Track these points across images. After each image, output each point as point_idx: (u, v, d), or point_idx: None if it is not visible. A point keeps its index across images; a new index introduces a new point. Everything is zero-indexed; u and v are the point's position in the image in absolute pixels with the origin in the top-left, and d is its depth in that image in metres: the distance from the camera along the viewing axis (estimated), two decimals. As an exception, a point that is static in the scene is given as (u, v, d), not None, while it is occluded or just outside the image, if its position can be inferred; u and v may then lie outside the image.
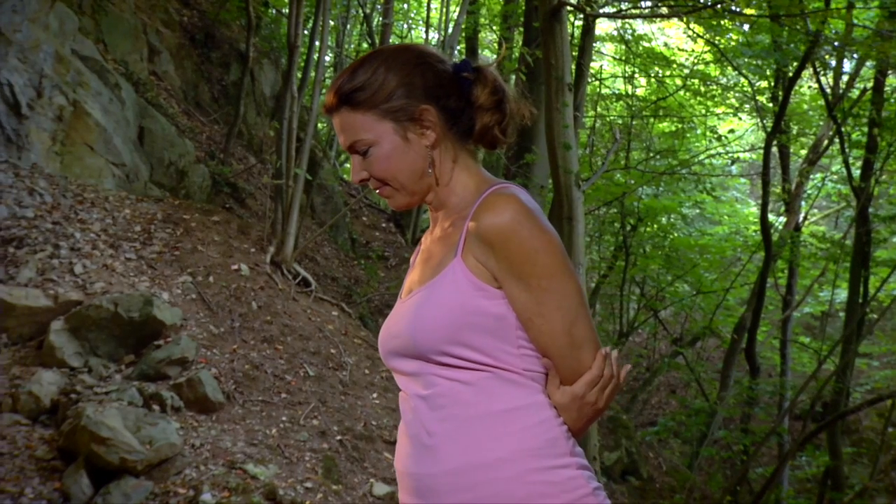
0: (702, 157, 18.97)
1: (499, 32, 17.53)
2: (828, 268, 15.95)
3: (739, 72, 16.06)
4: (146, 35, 14.06)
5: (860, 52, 12.77)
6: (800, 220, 16.38)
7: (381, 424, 8.90)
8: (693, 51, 17.91)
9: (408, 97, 2.19)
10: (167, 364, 8.41)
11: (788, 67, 13.68)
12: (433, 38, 22.25)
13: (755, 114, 17.65)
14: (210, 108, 15.30)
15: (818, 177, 18.87)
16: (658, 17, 14.80)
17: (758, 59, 14.11)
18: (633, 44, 17.03)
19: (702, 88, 17.72)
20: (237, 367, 8.89)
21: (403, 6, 24.31)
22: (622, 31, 17.18)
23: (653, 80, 18.61)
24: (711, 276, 19.13)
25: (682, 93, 17.81)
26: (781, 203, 17.99)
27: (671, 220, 20.06)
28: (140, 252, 9.92)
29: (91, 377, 8.19)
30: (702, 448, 13.74)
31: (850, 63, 15.59)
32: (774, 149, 16.65)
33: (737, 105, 18.65)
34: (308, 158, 12.12)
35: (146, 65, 13.88)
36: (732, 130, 19.30)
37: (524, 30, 14.36)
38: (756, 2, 10.95)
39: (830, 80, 15.53)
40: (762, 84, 16.70)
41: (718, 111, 19.30)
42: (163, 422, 7.50)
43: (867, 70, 15.44)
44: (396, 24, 24.25)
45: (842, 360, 12.02)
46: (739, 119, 20.34)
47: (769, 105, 16.40)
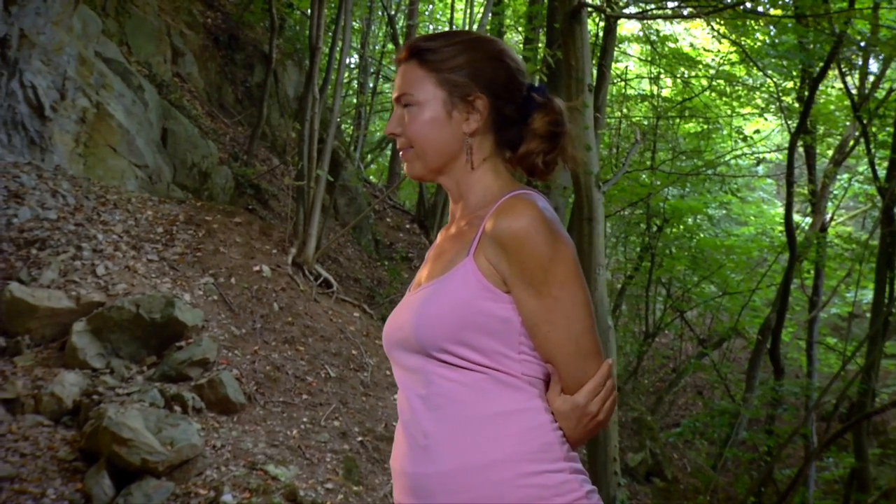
0: (727, 158, 18.89)
1: (524, 33, 17.48)
2: (854, 268, 15.84)
3: (764, 73, 15.96)
4: (170, 37, 14.09)
5: (885, 53, 12.68)
6: (826, 221, 16.24)
7: (401, 425, 8.88)
8: (719, 51, 17.81)
9: (470, 79, 2.22)
10: (189, 365, 8.42)
11: (814, 68, 13.59)
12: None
13: (781, 114, 17.54)
14: (234, 110, 15.33)
15: (845, 177, 18.74)
16: (679, 18, 14.72)
17: (783, 60, 14.03)
18: (659, 44, 16.95)
19: (727, 89, 17.63)
20: (258, 369, 8.89)
21: (429, 7, 24.30)
22: (647, 32, 17.10)
23: (678, 81, 18.53)
24: (738, 277, 19.04)
25: (708, 93, 17.72)
26: (808, 204, 17.86)
27: (697, 221, 19.97)
28: (162, 253, 9.94)
29: (113, 378, 8.21)
30: (725, 449, 13.66)
31: (877, 63, 15.48)
32: (800, 149, 16.54)
33: (763, 105, 18.54)
34: (331, 160, 12.12)
35: (170, 67, 13.92)
36: (758, 131, 19.20)
37: (547, 30, 14.33)
38: (782, 2, 10.89)
39: (856, 81, 15.41)
40: (788, 84, 16.60)
41: (744, 112, 19.19)
42: (184, 423, 7.50)
43: (893, 70, 15.33)
44: (421, 26, 24.25)
45: (867, 361, 11.92)
46: (765, 119, 20.23)
47: (795, 105, 16.30)
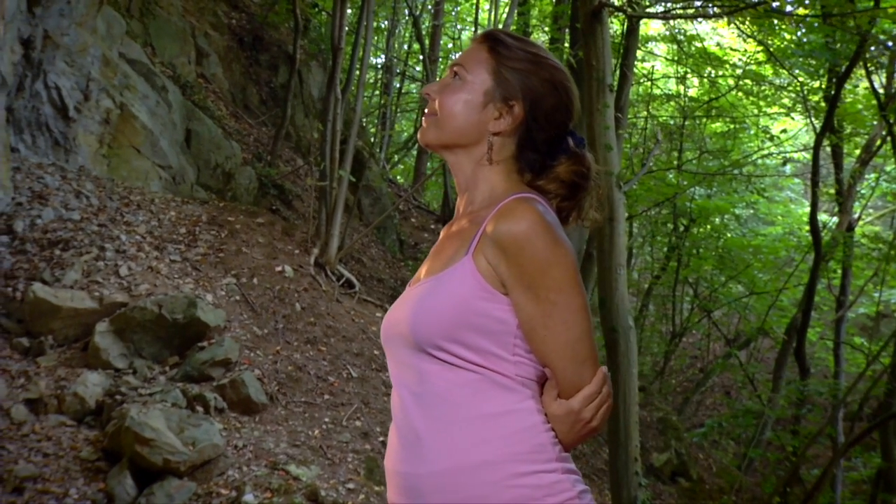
0: (754, 158, 18.80)
1: (550, 33, 17.43)
2: (881, 268, 15.71)
3: (789, 72, 15.86)
4: (194, 38, 14.13)
5: (912, 53, 12.57)
6: (853, 220, 16.12)
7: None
8: (746, 51, 17.72)
9: (520, 87, 2.24)
10: (211, 365, 8.44)
11: (840, 67, 13.49)
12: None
13: (807, 114, 17.43)
14: (258, 111, 15.36)
15: (872, 177, 18.60)
16: (701, 18, 14.64)
17: (809, 59, 13.94)
18: (686, 44, 16.89)
19: (754, 88, 17.54)
20: (280, 369, 8.90)
21: (456, 8, 24.29)
22: (674, 32, 17.04)
23: (705, 81, 18.46)
24: (765, 277, 18.94)
25: (735, 93, 17.64)
26: (835, 204, 17.74)
27: (724, 221, 19.89)
28: (185, 254, 9.96)
29: (135, 378, 8.24)
30: (749, 449, 13.60)
31: (903, 63, 15.33)
32: (828, 149, 16.43)
33: (790, 105, 18.43)
34: (355, 160, 12.12)
35: (194, 67, 13.96)
36: (785, 130, 19.08)
37: (570, 31, 14.30)
38: (809, 1, 10.80)
39: (883, 80, 15.28)
40: (814, 84, 16.49)
41: (771, 111, 19.09)
42: (206, 423, 7.51)
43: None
44: (447, 26, 24.27)
45: (893, 359, 11.82)
46: (792, 119, 20.11)
47: (822, 105, 16.19)
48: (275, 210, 12.73)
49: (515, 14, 17.79)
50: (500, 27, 18.46)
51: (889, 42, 12.38)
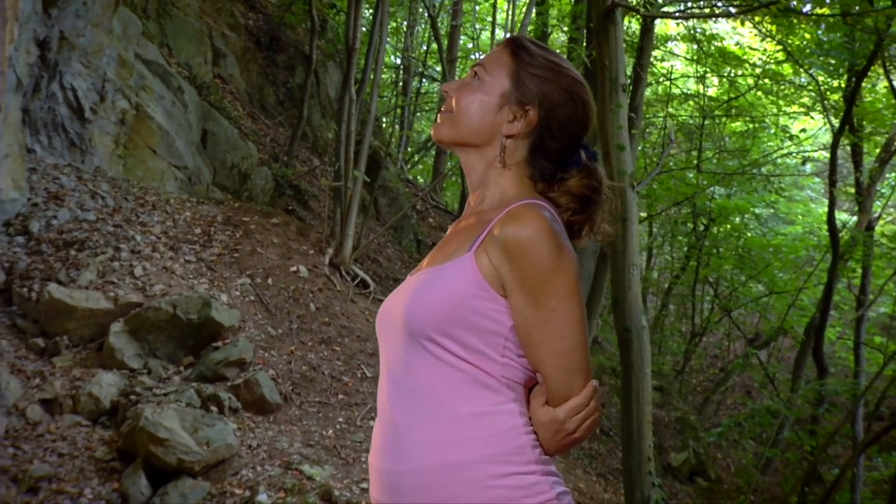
0: (774, 157, 18.74)
1: (569, 33, 17.37)
2: (901, 267, 15.61)
3: (806, 71, 15.79)
4: (211, 39, 14.16)
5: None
6: (872, 220, 16.02)
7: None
8: (765, 50, 17.65)
9: (537, 93, 2.26)
10: (225, 365, 8.45)
11: (859, 66, 13.42)
12: (499, 37, 22.19)
13: (825, 113, 17.36)
14: (275, 111, 15.38)
15: (892, 175, 18.50)
16: (715, 17, 14.59)
17: (828, 58, 13.87)
18: (705, 43, 16.84)
19: (774, 87, 17.48)
20: (294, 369, 8.91)
21: (475, 8, 24.26)
22: (692, 31, 16.98)
23: (724, 80, 18.41)
24: (785, 277, 18.88)
25: (754, 92, 17.59)
26: (855, 203, 17.65)
27: (744, 221, 19.83)
28: (199, 254, 9.98)
29: (150, 378, 8.27)
30: (766, 449, 13.56)
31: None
32: (847, 148, 16.35)
33: (809, 104, 18.36)
34: (371, 160, 12.12)
35: (210, 68, 13.98)
36: (804, 130, 19.01)
37: (587, 30, 14.26)
38: (829, 0, 10.74)
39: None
40: (834, 83, 16.41)
41: (791, 110, 19.02)
42: (220, 423, 7.53)
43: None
44: (466, 26, 24.24)
45: (910, 358, 11.75)
46: (812, 118, 20.03)
47: (842, 104, 16.10)
48: (291, 210, 12.75)
49: (533, 14, 17.75)
50: (518, 27, 18.43)
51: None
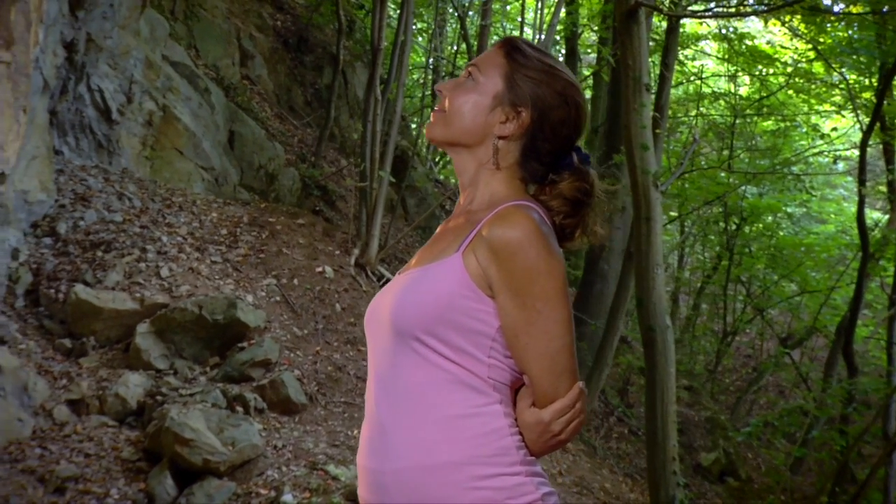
0: (805, 155, 18.64)
1: (599, 33, 17.32)
2: (935, 266, 15.48)
3: (835, 69, 15.67)
4: (239, 40, 14.20)
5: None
6: (904, 218, 15.88)
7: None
8: (796, 48, 17.56)
9: (530, 95, 2.27)
10: (251, 366, 8.46)
11: (890, 65, 13.31)
12: (529, 37, 22.15)
13: (856, 112, 17.24)
14: (303, 112, 15.41)
15: (923, 173, 18.34)
16: (739, 16, 14.51)
17: (859, 56, 13.78)
18: (736, 42, 16.76)
19: (805, 86, 17.38)
20: (320, 369, 8.91)
21: (506, 7, 24.21)
22: (726, 28, 16.90)
23: (755, 79, 18.33)
24: (818, 276, 18.79)
25: (785, 91, 17.50)
26: (888, 201, 17.52)
27: (776, 220, 19.75)
28: (225, 255, 10.00)
29: (176, 379, 8.29)
30: (795, 448, 13.47)
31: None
32: (879, 147, 16.21)
33: (841, 103, 18.25)
34: (399, 160, 12.10)
35: (238, 69, 14.02)
36: (835, 129, 18.89)
37: (614, 30, 14.23)
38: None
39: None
40: (864, 81, 16.29)
41: (822, 109, 18.91)
42: (245, 423, 7.53)
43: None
44: (496, 26, 24.21)
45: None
46: (843, 117, 19.91)
47: (873, 102, 15.98)
48: (318, 211, 12.76)
49: (563, 13, 17.70)
50: (547, 26, 18.37)
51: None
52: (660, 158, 9.97)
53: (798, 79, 17.03)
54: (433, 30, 21.32)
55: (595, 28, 19.45)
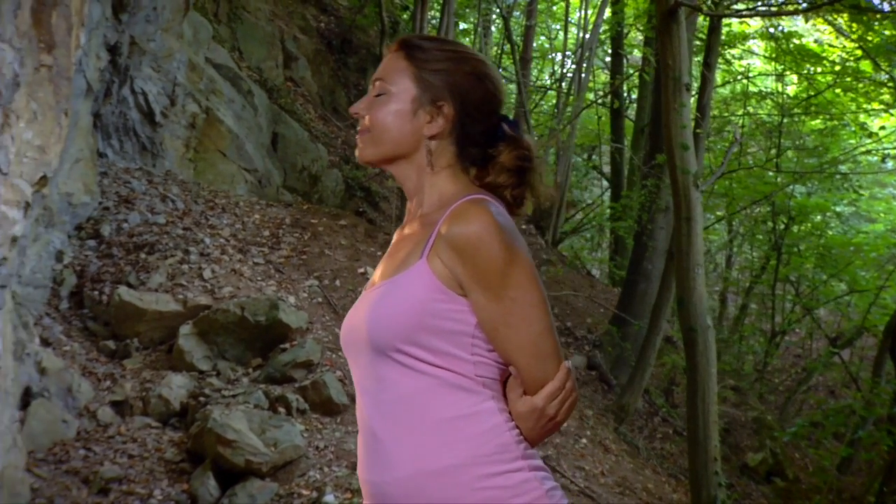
0: (853, 154, 18.49)
1: (644, 32, 17.25)
2: None
3: (882, 68, 15.52)
4: (282, 42, 14.26)
5: None
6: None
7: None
8: (843, 47, 17.42)
9: (445, 86, 2.24)
10: (293, 367, 8.47)
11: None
12: (574, 37, 22.17)
13: (902, 110, 17.10)
14: (346, 113, 15.44)
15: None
16: (780, 15, 14.39)
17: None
18: (783, 41, 16.64)
19: (854, 84, 17.24)
20: (362, 370, 8.90)
21: (551, 7, 24.18)
22: (774, 27, 16.78)
23: (803, 78, 18.20)
24: (867, 275, 18.63)
25: (833, 89, 17.36)
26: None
27: (825, 219, 19.61)
28: (268, 256, 10.04)
29: (219, 380, 8.33)
30: (841, 448, 13.35)
31: None
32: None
33: (889, 101, 18.09)
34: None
35: (282, 71, 14.07)
36: (883, 127, 18.72)
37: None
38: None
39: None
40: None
41: (870, 107, 18.75)
42: (287, 424, 7.55)
43: None
44: (542, 26, 24.19)
45: None
46: (891, 115, 19.73)
47: (925, 99, 15.87)
48: (361, 212, 12.79)
49: (608, 12, 17.64)
50: (591, 26, 18.30)
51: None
52: (701, 158, 9.89)
53: (846, 77, 16.89)
54: (478, 31, 21.33)
55: (640, 28, 19.40)
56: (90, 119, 9.67)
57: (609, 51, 20.72)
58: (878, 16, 11.56)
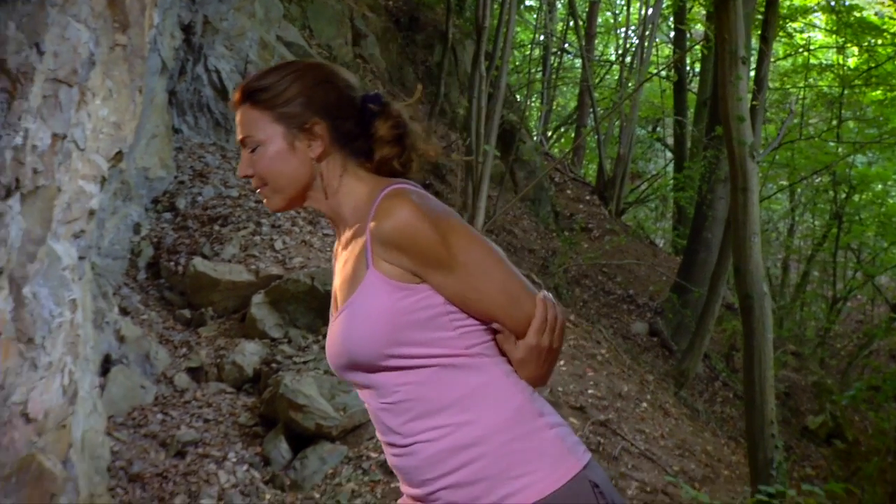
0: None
1: (707, 8, 17.14)
2: None
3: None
4: (352, 20, 14.43)
5: None
6: None
7: (568, 391, 8.86)
8: (904, 19, 17.28)
9: (304, 108, 2.25)
10: (361, 334, 8.63)
11: None
12: (636, 13, 22.11)
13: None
14: (414, 89, 15.61)
15: None
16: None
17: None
18: (844, 14, 16.50)
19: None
20: (427, 336, 9.05)
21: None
22: (832, 2, 16.67)
23: (863, 50, 18.04)
24: (927, 242, 18.57)
25: (893, 61, 17.19)
26: None
27: (885, 188, 19.47)
28: (337, 228, 10.21)
29: (290, 347, 8.49)
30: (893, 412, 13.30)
31: None
32: None
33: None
34: (506, 135, 12.20)
35: (351, 48, 14.25)
36: (942, 98, 18.52)
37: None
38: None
39: None
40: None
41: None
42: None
43: None
44: (605, 2, 24.16)
45: None
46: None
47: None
48: (428, 185, 12.94)
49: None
50: (654, 2, 18.26)
51: None
52: (759, 130, 9.92)
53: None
54: (543, 7, 21.35)
55: (702, 2, 19.32)
56: (165, 96, 9.91)
57: (672, 25, 20.65)
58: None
